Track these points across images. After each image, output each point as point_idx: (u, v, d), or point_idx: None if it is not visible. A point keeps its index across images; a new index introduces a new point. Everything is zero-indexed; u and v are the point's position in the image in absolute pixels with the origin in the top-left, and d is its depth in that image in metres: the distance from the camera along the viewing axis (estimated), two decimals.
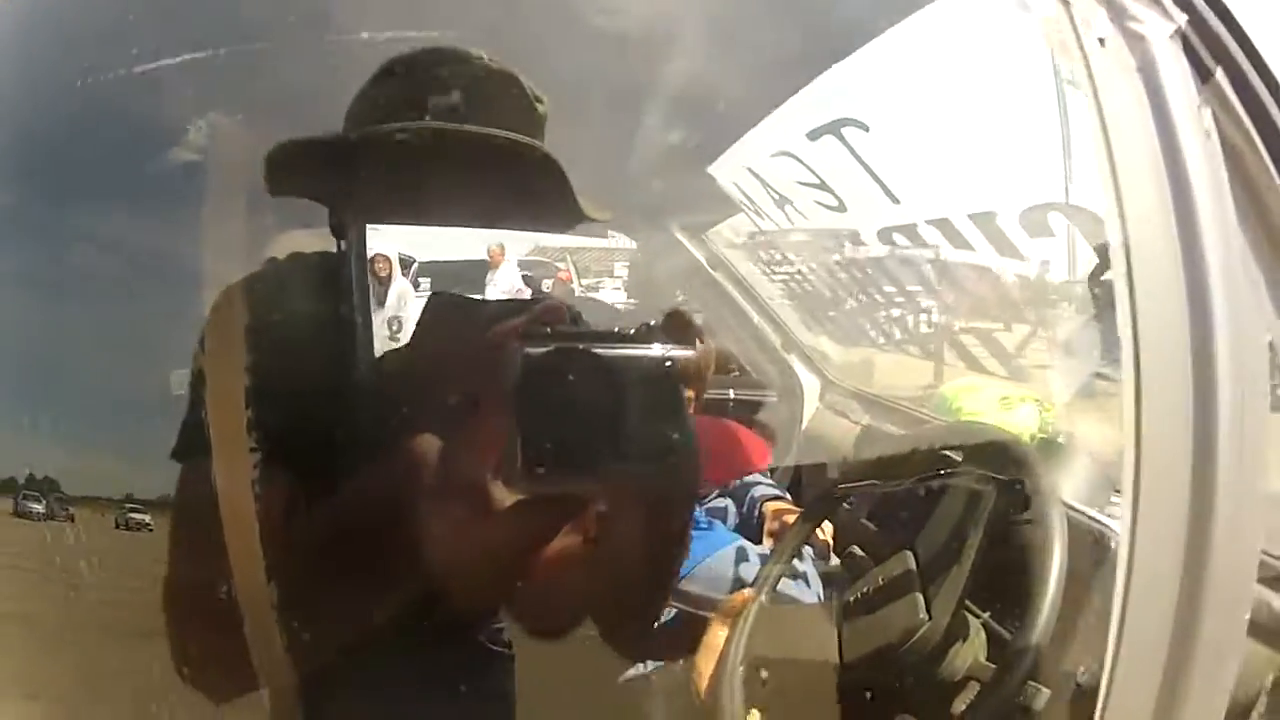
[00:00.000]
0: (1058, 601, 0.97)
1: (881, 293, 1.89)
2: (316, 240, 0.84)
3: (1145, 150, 0.56)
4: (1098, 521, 1.17)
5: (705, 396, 1.62)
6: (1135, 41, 0.57)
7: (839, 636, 1.19)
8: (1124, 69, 0.56)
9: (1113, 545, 1.09)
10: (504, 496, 0.66)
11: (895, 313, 1.92)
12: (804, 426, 2.27)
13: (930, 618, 1.09)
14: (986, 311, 1.66)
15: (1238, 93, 0.63)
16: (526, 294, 0.93)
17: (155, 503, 0.83)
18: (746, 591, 1.17)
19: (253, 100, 0.82)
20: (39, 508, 0.93)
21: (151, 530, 0.81)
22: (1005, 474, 1.14)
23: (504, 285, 0.91)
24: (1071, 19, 0.61)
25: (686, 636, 1.51)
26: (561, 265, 0.98)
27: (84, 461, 0.91)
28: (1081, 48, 0.57)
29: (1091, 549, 1.10)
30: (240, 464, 0.69)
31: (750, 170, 1.61)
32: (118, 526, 0.87)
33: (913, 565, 1.18)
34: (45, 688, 1.10)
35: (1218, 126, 0.61)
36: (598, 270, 1.04)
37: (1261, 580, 0.95)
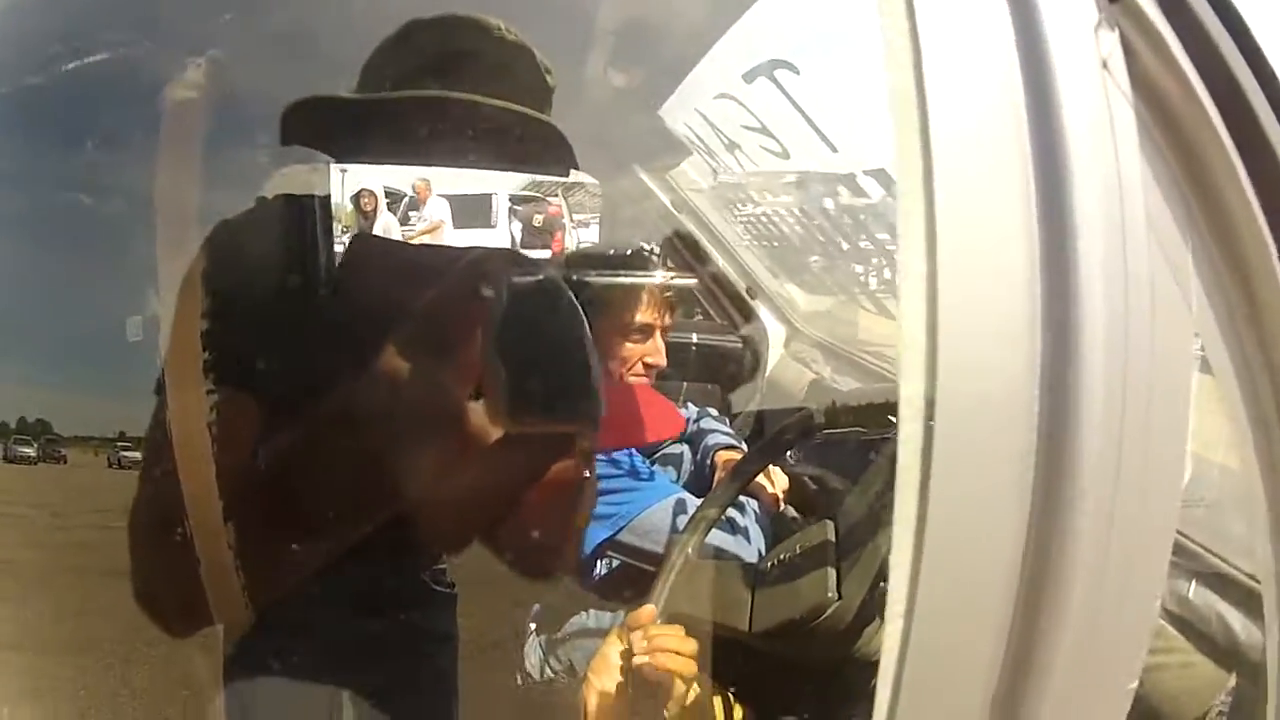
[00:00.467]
0: None
1: (834, 244, 1.74)
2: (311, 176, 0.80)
3: (986, 87, 0.37)
4: None
5: (669, 340, 1.51)
6: None
7: (751, 603, 1.07)
8: None
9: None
10: (485, 433, 0.62)
11: (858, 267, 1.78)
12: (767, 374, 2.14)
13: (840, 597, 0.96)
14: None
15: (1166, 12, 0.45)
16: (449, 228, 0.88)
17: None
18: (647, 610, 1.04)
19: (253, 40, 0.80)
20: (30, 451, 0.94)
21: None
22: None
23: (432, 219, 0.84)
24: None
25: (625, 586, 1.43)
26: (554, 200, 0.91)
27: (75, 402, 0.89)
28: None
29: None
30: (195, 406, 0.65)
31: (699, 112, 1.47)
32: (110, 465, 0.86)
33: (832, 536, 1.06)
34: (29, 638, 1.07)
35: (1132, 58, 0.44)
36: (590, 207, 0.99)
37: (1207, 584, 0.81)
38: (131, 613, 0.71)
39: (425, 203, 0.85)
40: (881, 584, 0.99)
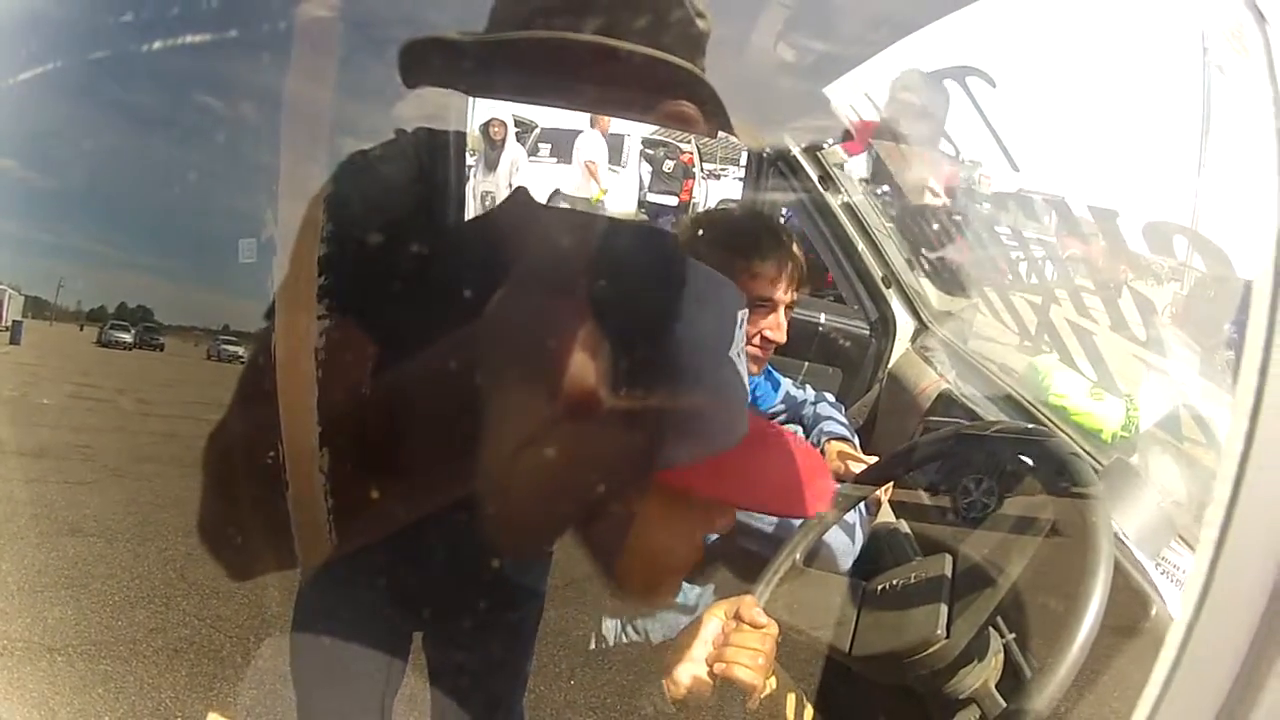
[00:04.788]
0: (1078, 663, 0.82)
1: (987, 256, 1.66)
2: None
3: None
4: (1145, 576, 1.00)
5: (796, 317, 1.47)
6: None
7: (855, 623, 1.06)
8: None
9: (1154, 610, 0.93)
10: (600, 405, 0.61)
11: (1003, 278, 1.70)
12: (889, 367, 2.07)
13: (948, 636, 0.94)
14: (1088, 310, 1.42)
15: None
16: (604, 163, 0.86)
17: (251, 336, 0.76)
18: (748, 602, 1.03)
19: None
20: (127, 337, 0.91)
21: (244, 362, 0.75)
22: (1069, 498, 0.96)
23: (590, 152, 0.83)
24: None
25: (719, 561, 1.43)
26: (686, 146, 0.89)
27: (179, 291, 0.87)
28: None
29: (1132, 604, 0.93)
30: (305, 329, 0.63)
31: (868, 97, 1.41)
32: (209, 358, 0.84)
33: (949, 572, 1.03)
34: (90, 522, 1.10)
35: None
36: (722, 158, 0.96)
37: None
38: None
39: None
40: (989, 630, 0.97)
